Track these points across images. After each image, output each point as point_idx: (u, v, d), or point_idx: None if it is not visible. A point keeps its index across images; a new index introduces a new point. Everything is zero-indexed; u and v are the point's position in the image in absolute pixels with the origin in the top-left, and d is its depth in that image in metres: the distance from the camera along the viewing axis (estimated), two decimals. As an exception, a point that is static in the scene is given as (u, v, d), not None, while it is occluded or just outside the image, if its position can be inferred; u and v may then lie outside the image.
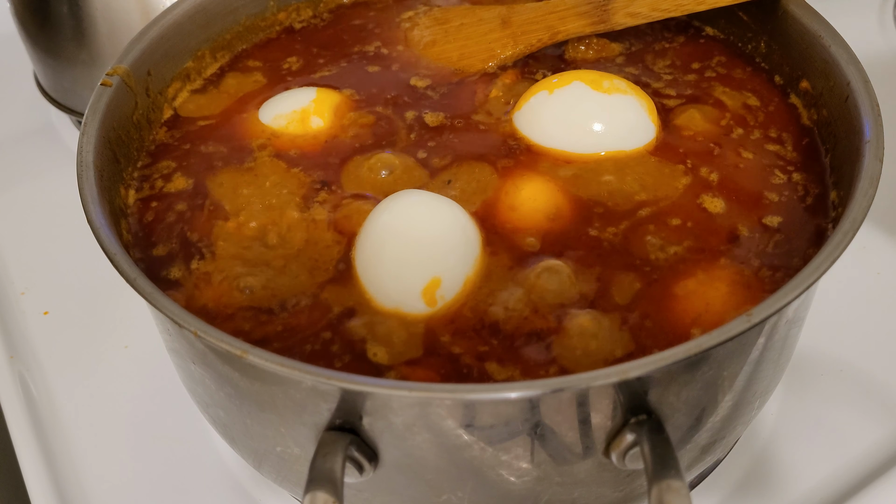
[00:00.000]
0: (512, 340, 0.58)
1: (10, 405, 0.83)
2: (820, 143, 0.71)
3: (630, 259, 0.63)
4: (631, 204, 0.66)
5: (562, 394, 0.50)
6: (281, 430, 0.57)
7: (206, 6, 0.81)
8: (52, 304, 0.94)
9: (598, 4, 0.79)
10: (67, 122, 1.19)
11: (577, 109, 0.71)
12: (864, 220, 0.56)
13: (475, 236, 0.63)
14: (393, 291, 0.60)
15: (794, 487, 0.75)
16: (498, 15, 0.84)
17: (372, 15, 0.89)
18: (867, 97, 0.64)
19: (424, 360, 0.58)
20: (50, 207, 1.06)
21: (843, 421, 0.80)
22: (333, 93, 0.78)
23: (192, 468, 0.79)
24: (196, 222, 0.68)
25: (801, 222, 0.65)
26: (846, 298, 0.89)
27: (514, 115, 0.74)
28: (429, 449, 0.54)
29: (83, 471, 0.79)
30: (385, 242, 0.62)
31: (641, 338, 0.58)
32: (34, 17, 1.05)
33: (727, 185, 0.68)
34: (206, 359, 0.57)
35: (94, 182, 0.62)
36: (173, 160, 0.73)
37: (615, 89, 0.71)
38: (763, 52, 0.80)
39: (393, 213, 0.63)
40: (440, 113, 0.76)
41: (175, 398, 0.80)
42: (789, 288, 0.52)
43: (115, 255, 0.56)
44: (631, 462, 0.53)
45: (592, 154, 0.70)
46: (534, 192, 0.67)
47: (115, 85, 0.70)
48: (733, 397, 0.59)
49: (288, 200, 0.68)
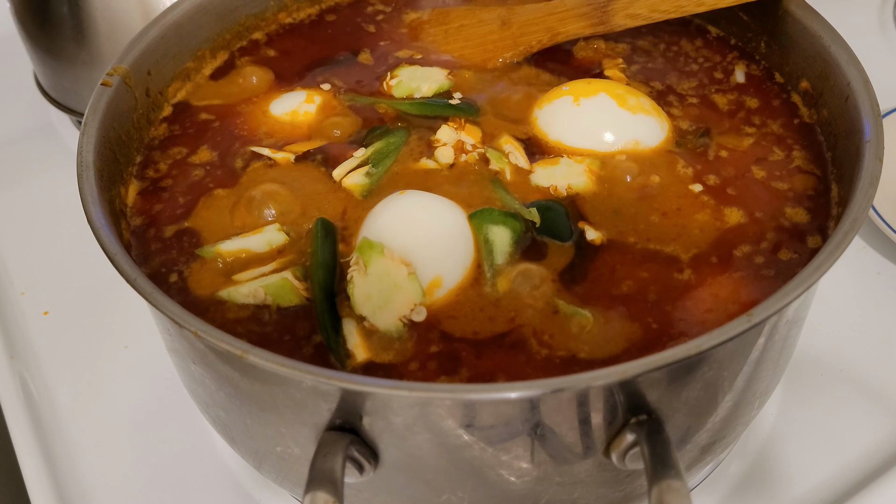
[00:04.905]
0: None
1: (10, 405, 0.83)
2: (820, 142, 0.71)
3: (628, 258, 0.63)
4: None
5: (562, 394, 0.50)
6: (281, 430, 0.57)
7: (206, 6, 0.81)
8: (52, 304, 0.94)
9: (598, 6, 0.79)
10: (67, 122, 1.19)
11: (599, 122, 0.72)
12: (864, 220, 0.56)
13: (472, 238, 0.63)
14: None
15: (794, 487, 0.75)
16: (498, 16, 0.84)
17: (372, 15, 0.89)
18: (867, 97, 0.64)
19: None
20: (50, 207, 1.06)
21: (843, 421, 0.80)
22: (330, 93, 0.79)
23: (193, 468, 0.79)
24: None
25: (802, 222, 0.65)
26: (846, 298, 0.89)
27: (536, 111, 0.74)
28: (429, 449, 0.54)
29: (83, 471, 0.79)
30: (385, 243, 0.61)
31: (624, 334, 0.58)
32: (34, 17, 1.05)
33: (729, 188, 0.68)
34: (207, 359, 0.57)
35: (94, 182, 0.62)
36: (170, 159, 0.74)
37: (640, 109, 0.72)
38: (763, 51, 0.80)
39: (393, 214, 0.63)
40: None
41: (175, 398, 0.80)
42: (789, 288, 0.52)
43: (115, 255, 0.56)
44: (631, 462, 0.53)
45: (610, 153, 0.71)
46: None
47: (115, 85, 0.70)
48: (733, 397, 0.59)
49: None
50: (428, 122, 0.74)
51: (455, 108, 0.75)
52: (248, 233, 0.66)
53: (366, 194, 0.68)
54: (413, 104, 0.76)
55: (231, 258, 0.64)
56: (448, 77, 0.79)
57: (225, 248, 0.65)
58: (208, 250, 0.65)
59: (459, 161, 0.70)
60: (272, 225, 0.66)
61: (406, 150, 0.72)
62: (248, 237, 0.65)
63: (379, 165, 0.70)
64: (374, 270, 0.60)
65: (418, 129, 0.74)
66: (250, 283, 0.62)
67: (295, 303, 0.61)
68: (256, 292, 0.61)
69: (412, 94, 0.77)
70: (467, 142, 0.71)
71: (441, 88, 0.78)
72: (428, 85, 0.78)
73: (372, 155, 0.71)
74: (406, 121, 0.75)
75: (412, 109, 0.76)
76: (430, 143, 0.72)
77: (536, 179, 0.68)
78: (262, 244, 0.65)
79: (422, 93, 0.77)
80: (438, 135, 0.72)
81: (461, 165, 0.70)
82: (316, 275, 0.62)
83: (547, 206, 0.66)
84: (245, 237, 0.65)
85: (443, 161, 0.70)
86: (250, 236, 0.65)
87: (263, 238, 0.65)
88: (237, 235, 0.66)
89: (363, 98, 0.78)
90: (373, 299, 0.59)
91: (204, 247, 0.65)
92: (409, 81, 0.78)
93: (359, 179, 0.69)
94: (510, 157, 0.70)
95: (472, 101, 0.76)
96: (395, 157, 0.71)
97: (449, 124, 0.73)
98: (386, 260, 0.60)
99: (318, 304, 0.60)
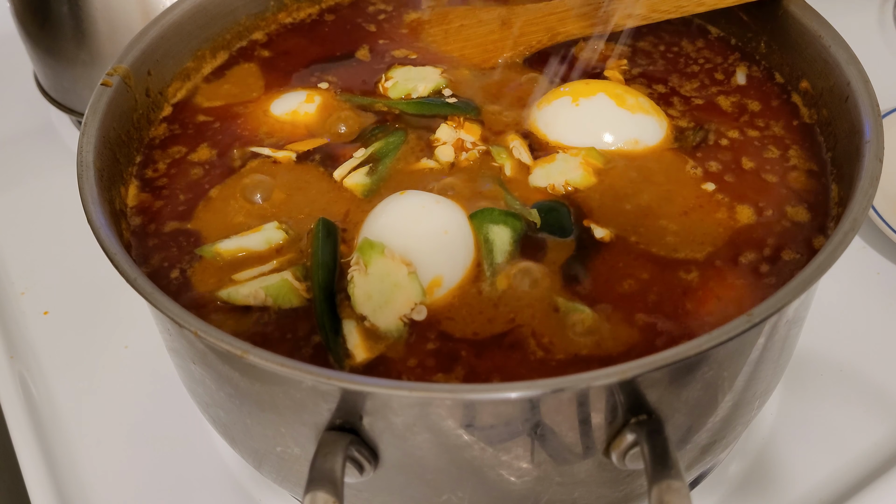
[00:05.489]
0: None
1: (10, 405, 0.83)
2: (820, 142, 0.71)
3: (627, 258, 0.63)
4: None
5: (562, 394, 0.50)
6: (281, 430, 0.57)
7: (206, 6, 0.81)
8: (52, 304, 0.94)
9: (598, 6, 0.79)
10: (67, 122, 1.19)
11: (599, 121, 0.72)
12: (864, 220, 0.56)
13: (472, 237, 0.63)
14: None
15: (794, 487, 0.75)
16: (498, 16, 0.84)
17: (372, 15, 0.89)
18: (867, 97, 0.64)
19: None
20: (50, 207, 1.06)
21: (843, 421, 0.80)
22: (330, 93, 0.79)
23: (193, 468, 0.79)
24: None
25: (802, 222, 0.65)
26: (846, 298, 0.89)
27: (535, 111, 0.74)
28: (429, 449, 0.54)
29: (83, 471, 0.79)
30: (385, 242, 0.61)
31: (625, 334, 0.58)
32: (34, 17, 1.05)
33: (728, 187, 0.68)
34: (207, 359, 0.57)
35: (94, 182, 0.62)
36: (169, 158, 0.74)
37: (639, 108, 0.72)
38: (763, 51, 0.80)
39: (393, 214, 0.63)
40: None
41: (175, 398, 0.80)
42: (789, 288, 0.52)
43: (115, 255, 0.56)
44: (631, 462, 0.53)
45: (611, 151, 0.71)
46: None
47: (115, 85, 0.70)
48: (733, 397, 0.59)
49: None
50: (427, 122, 0.74)
51: (453, 106, 0.75)
52: (247, 231, 0.66)
53: (367, 194, 0.68)
54: (411, 104, 0.76)
55: (230, 257, 0.64)
56: (442, 75, 0.79)
57: (224, 248, 0.65)
58: (208, 249, 0.65)
59: (460, 159, 0.70)
60: (270, 223, 0.66)
61: (406, 149, 0.72)
62: (247, 236, 0.65)
63: (379, 165, 0.70)
64: (375, 270, 0.60)
65: (417, 128, 0.74)
66: (250, 283, 0.62)
67: (295, 304, 0.61)
68: (257, 293, 0.61)
69: (409, 95, 0.77)
70: (467, 140, 0.72)
71: (437, 87, 0.78)
72: (424, 85, 0.78)
73: (372, 155, 0.71)
74: (405, 120, 0.75)
75: (411, 109, 0.76)
76: (429, 142, 0.72)
77: (534, 180, 0.69)
78: (261, 243, 0.65)
79: (419, 92, 0.77)
80: (438, 133, 0.72)
81: (462, 164, 0.70)
82: (316, 275, 0.62)
83: (550, 207, 0.66)
84: (244, 236, 0.65)
85: (443, 160, 0.70)
86: (249, 235, 0.65)
87: (262, 237, 0.65)
88: (236, 234, 0.66)
89: (363, 98, 0.78)
90: (373, 299, 0.59)
91: (203, 246, 0.65)
92: (405, 82, 0.78)
93: (360, 179, 0.69)
94: (514, 151, 0.70)
95: (470, 99, 0.77)
96: (396, 156, 0.71)
97: (448, 123, 0.73)
98: (386, 260, 0.60)
99: (318, 304, 0.60)
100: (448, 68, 0.80)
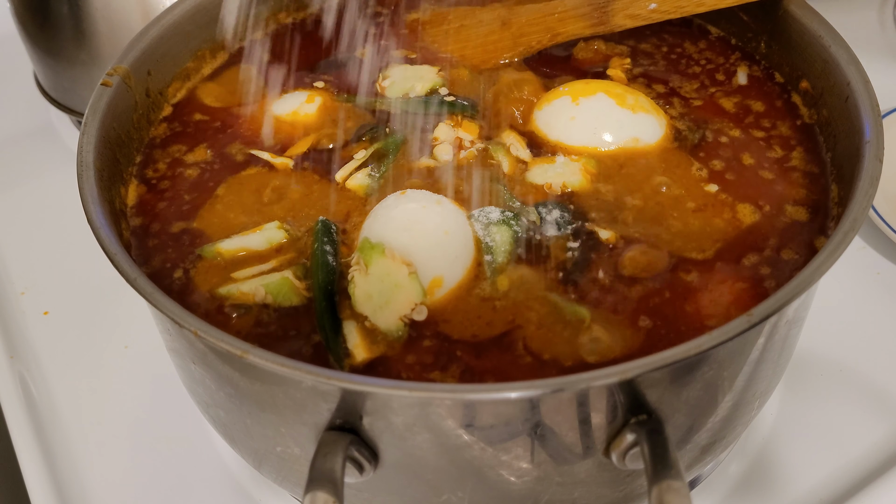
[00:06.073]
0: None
1: (10, 405, 0.83)
2: (820, 142, 0.71)
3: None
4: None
5: (562, 394, 0.50)
6: (281, 430, 0.57)
7: (206, 6, 0.81)
8: (52, 304, 0.94)
9: (598, 6, 0.79)
10: (67, 122, 1.19)
11: (599, 121, 0.72)
12: (864, 220, 0.56)
13: (472, 238, 0.63)
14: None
15: (794, 487, 0.75)
16: (498, 17, 0.84)
17: (372, 15, 0.89)
18: (867, 97, 0.64)
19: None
20: (50, 207, 1.06)
21: (843, 421, 0.80)
22: (330, 94, 0.79)
23: (193, 468, 0.79)
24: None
25: (801, 222, 0.65)
26: (846, 298, 0.89)
27: (536, 111, 0.74)
28: (429, 449, 0.54)
29: (83, 471, 0.79)
30: (385, 243, 0.61)
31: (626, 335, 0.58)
32: (34, 17, 1.05)
33: (728, 187, 0.68)
34: (207, 359, 0.57)
35: (94, 182, 0.62)
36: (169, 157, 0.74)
37: (639, 108, 0.72)
38: (763, 51, 0.80)
39: (393, 214, 0.63)
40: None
41: (175, 398, 0.80)
42: (789, 288, 0.52)
43: (115, 255, 0.56)
44: (631, 462, 0.53)
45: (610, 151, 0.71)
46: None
47: (115, 85, 0.70)
48: (733, 397, 0.59)
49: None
50: (425, 121, 0.74)
51: (451, 105, 0.75)
52: (247, 231, 0.66)
53: (368, 194, 0.68)
54: (410, 103, 0.76)
55: (231, 257, 0.64)
56: (439, 74, 0.79)
57: (224, 247, 0.65)
58: (208, 249, 0.65)
59: (459, 158, 0.70)
60: (271, 223, 0.66)
61: (406, 148, 0.72)
62: (247, 235, 0.65)
63: (380, 165, 0.70)
64: (375, 270, 0.60)
65: (416, 128, 0.74)
66: (250, 281, 0.62)
67: (295, 302, 0.61)
68: (257, 290, 0.61)
69: (407, 94, 0.77)
70: (465, 138, 0.72)
71: (434, 86, 0.78)
72: (421, 84, 0.78)
73: (372, 155, 0.71)
74: (404, 120, 0.75)
75: (409, 108, 0.76)
76: (428, 141, 0.72)
77: (531, 177, 0.69)
78: (261, 242, 0.65)
79: (416, 91, 0.77)
80: (436, 132, 0.72)
81: (461, 162, 0.70)
82: (316, 275, 0.62)
83: (551, 207, 0.66)
84: (244, 235, 0.65)
85: (442, 158, 0.70)
86: (250, 234, 0.65)
87: (263, 236, 0.65)
88: (237, 234, 0.66)
89: (363, 98, 0.78)
90: (374, 299, 0.59)
91: (204, 246, 0.65)
92: (403, 81, 0.78)
93: (360, 180, 0.69)
94: (511, 148, 0.70)
95: (468, 98, 0.77)
96: (396, 156, 0.71)
97: (446, 122, 0.73)
98: (387, 260, 0.60)
99: (318, 304, 0.60)
100: (445, 67, 0.80)
